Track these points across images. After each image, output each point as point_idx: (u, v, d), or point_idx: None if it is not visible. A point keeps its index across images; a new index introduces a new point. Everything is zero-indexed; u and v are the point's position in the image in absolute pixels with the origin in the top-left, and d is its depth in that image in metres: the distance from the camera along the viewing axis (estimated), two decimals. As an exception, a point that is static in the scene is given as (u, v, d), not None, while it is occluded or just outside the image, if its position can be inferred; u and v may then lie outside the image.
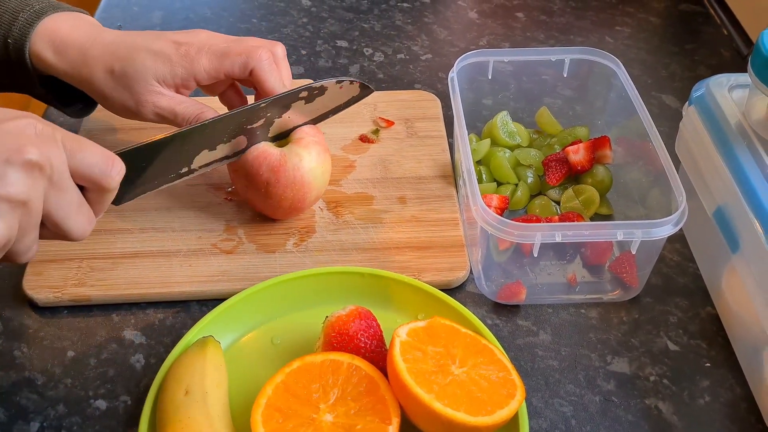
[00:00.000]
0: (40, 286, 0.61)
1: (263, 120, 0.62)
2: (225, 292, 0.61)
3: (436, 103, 0.81)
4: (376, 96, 0.81)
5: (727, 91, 0.63)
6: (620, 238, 0.57)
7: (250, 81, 0.62)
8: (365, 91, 0.67)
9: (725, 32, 0.94)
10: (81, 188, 0.47)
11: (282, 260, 0.65)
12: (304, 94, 0.63)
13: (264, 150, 0.62)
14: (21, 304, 0.62)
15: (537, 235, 0.56)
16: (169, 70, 0.59)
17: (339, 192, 0.71)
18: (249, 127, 0.61)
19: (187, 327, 0.60)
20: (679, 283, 0.65)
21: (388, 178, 0.72)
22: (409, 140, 0.76)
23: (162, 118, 0.61)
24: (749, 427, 0.55)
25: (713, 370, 0.59)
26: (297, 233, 0.67)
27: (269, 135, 0.63)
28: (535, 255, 0.58)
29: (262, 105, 0.61)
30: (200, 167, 0.61)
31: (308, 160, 0.63)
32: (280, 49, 0.64)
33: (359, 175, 0.73)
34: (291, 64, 0.88)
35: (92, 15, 0.65)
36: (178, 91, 0.61)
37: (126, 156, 0.51)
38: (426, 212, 0.69)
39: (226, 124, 0.60)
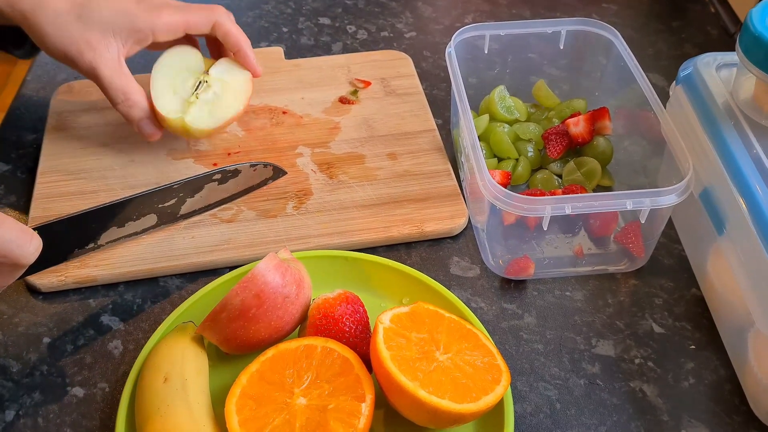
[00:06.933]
0: (42, 272, 0.59)
1: (175, 200, 0.62)
2: (235, 260, 0.62)
3: (408, 62, 0.82)
4: (348, 58, 0.82)
5: (715, 70, 0.62)
6: (630, 207, 0.56)
7: (211, 37, 0.62)
8: (278, 173, 0.67)
9: (712, 10, 0.93)
10: None
11: (285, 223, 0.65)
12: (217, 176, 0.63)
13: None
14: (-5, 289, 0.60)
15: (546, 207, 0.56)
16: (128, 22, 0.57)
17: (329, 153, 0.71)
18: (160, 206, 0.62)
19: (166, 312, 0.59)
20: (664, 265, 0.64)
21: (374, 136, 0.73)
22: (389, 99, 0.77)
23: (92, 76, 0.59)
24: (733, 408, 0.55)
25: (698, 352, 0.58)
26: (294, 197, 0.67)
27: (179, 213, 0.64)
28: (545, 228, 0.57)
29: (175, 186, 0.61)
30: (107, 242, 0.61)
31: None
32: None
33: (346, 135, 0.73)
34: (272, 42, 0.87)
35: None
36: (133, 45, 0.60)
37: (40, 231, 0.53)
38: (418, 165, 0.70)
39: (139, 203, 0.60)
